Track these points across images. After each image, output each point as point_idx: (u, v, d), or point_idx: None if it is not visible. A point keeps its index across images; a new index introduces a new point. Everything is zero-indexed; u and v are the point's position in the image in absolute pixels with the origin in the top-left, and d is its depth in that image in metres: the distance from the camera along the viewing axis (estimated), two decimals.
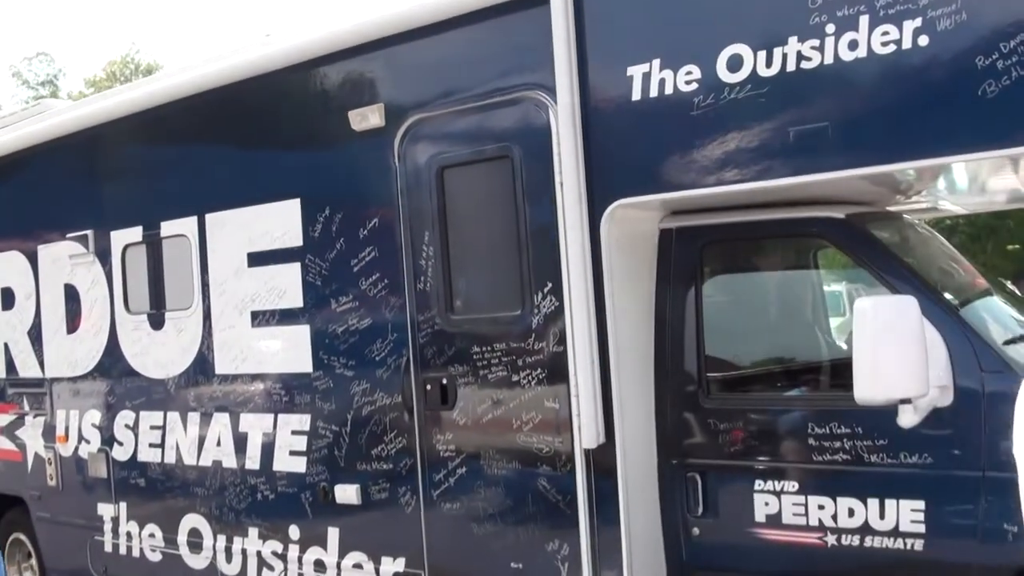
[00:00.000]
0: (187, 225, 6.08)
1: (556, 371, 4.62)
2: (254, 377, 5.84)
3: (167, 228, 6.23)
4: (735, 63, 4.13)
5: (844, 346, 5.30)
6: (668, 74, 4.27)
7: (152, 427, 6.44)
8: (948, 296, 4.37)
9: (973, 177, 5.21)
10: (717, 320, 4.77)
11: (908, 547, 4.10)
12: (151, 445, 6.45)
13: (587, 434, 4.48)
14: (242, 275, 5.81)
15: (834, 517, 4.25)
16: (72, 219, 6.87)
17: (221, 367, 5.99)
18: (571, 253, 4.48)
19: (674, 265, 4.73)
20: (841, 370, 4.79)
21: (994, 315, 4.78)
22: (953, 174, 5.06)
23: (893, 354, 3.74)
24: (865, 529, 4.19)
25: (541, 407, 4.68)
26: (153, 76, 9.15)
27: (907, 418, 3.89)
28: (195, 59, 6.12)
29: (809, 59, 4.01)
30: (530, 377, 4.70)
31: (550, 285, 4.60)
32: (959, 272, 5.22)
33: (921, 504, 4.09)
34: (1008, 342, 4.36)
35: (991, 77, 3.71)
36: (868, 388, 3.78)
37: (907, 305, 3.80)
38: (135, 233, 6.44)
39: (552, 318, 4.61)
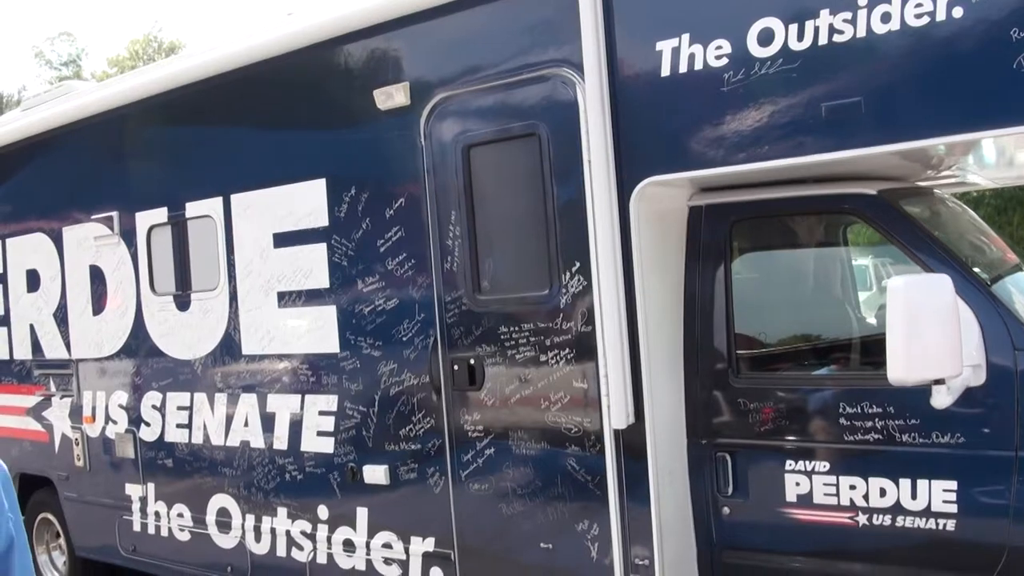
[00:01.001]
0: (212, 206, 6.08)
1: (585, 351, 4.59)
2: (281, 358, 5.84)
3: (192, 209, 6.23)
4: (766, 37, 4.07)
5: (874, 322, 5.27)
6: (698, 49, 4.22)
7: (179, 408, 6.47)
8: (979, 272, 4.31)
9: (1001, 151, 5.15)
10: (747, 298, 4.73)
11: (940, 527, 4.07)
12: (178, 426, 6.48)
13: (616, 414, 4.46)
14: (268, 256, 5.80)
15: (865, 497, 4.22)
16: (97, 200, 6.88)
17: (248, 348, 6.00)
18: (600, 232, 4.45)
19: (703, 243, 4.69)
20: (872, 349, 4.75)
21: None
22: (982, 149, 5.00)
23: (927, 334, 3.68)
24: (897, 509, 4.15)
25: (570, 387, 4.66)
26: (177, 56, 9.11)
27: (941, 399, 3.85)
28: (217, 38, 6.08)
29: (841, 32, 3.94)
30: (558, 357, 4.68)
31: (578, 264, 4.57)
32: (990, 247, 5.16)
33: (953, 484, 4.05)
34: None
35: None
36: (901, 369, 3.73)
37: (941, 284, 3.75)
38: (160, 214, 6.45)
39: (580, 297, 4.59)
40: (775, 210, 4.70)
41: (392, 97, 5.11)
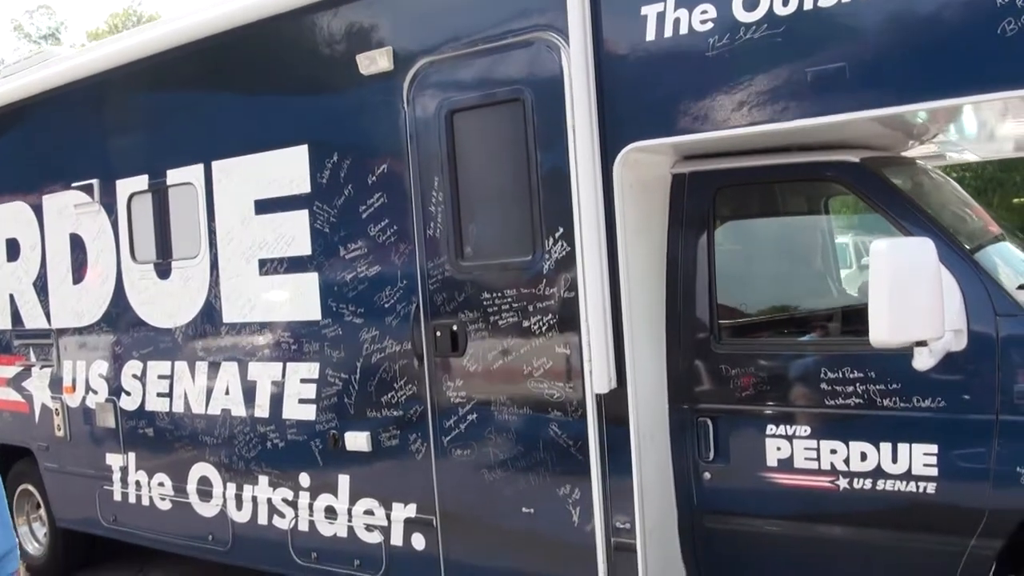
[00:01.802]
0: (193, 173, 6.03)
1: (567, 317, 4.59)
2: (262, 326, 5.82)
3: (173, 176, 6.18)
4: (751, 2, 4.05)
5: (855, 293, 5.29)
6: (683, 13, 4.20)
7: (160, 377, 6.43)
8: (962, 240, 4.32)
9: (983, 123, 5.16)
10: (729, 265, 4.74)
11: (920, 490, 4.10)
12: (159, 395, 6.45)
13: (598, 379, 4.46)
14: (249, 223, 5.77)
15: (846, 461, 4.25)
16: (77, 168, 6.82)
17: (229, 316, 5.97)
18: (583, 198, 4.44)
19: (686, 210, 4.69)
20: (854, 315, 4.78)
21: (1007, 260, 4.75)
22: (963, 120, 5.02)
23: (909, 296, 3.71)
24: (877, 473, 4.18)
25: (552, 353, 4.66)
26: (157, 21, 9.02)
27: (922, 361, 3.87)
28: (198, 5, 6.01)
29: None
30: (541, 323, 4.68)
31: (561, 230, 4.56)
32: (972, 217, 5.18)
33: (934, 448, 4.08)
34: (1022, 286, 4.33)
35: (1011, 15, 3.64)
36: (884, 331, 3.75)
37: (924, 247, 3.77)
38: (141, 182, 6.40)
39: (564, 264, 4.58)
40: (758, 178, 4.70)
41: (375, 62, 5.07)
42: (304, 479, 5.68)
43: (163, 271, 6.34)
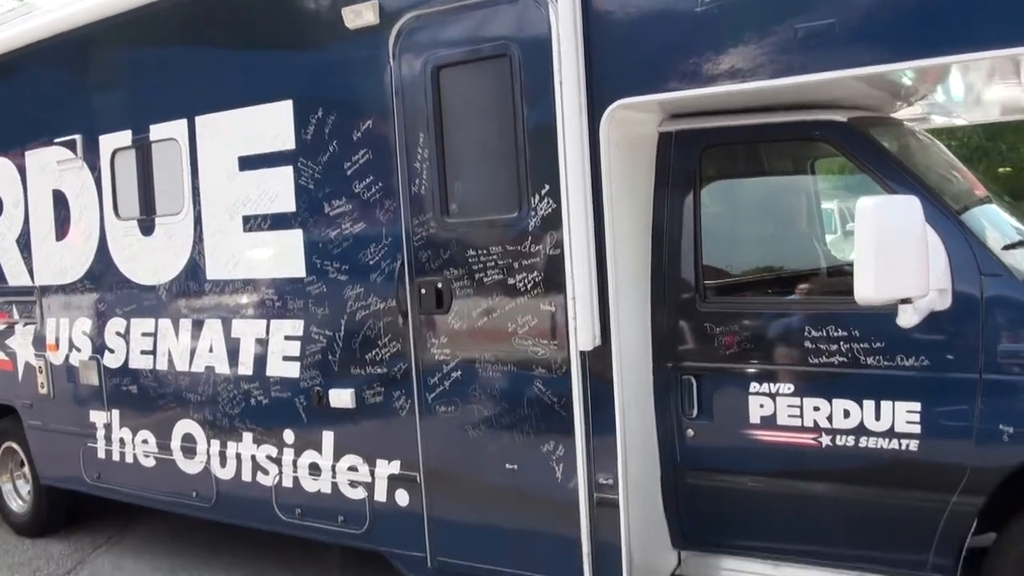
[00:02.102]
0: (177, 128, 5.97)
1: (552, 274, 4.58)
2: (246, 283, 5.79)
3: (156, 132, 6.12)
4: None
5: (840, 254, 5.30)
6: None
7: (143, 334, 6.41)
8: (948, 201, 4.33)
9: (970, 86, 5.16)
10: (715, 224, 4.74)
11: (903, 447, 4.14)
12: (143, 352, 6.42)
13: (583, 336, 4.46)
14: (233, 179, 5.72)
15: (829, 418, 4.28)
16: (60, 124, 6.74)
17: (213, 273, 5.94)
18: (569, 155, 4.41)
19: (673, 169, 4.69)
20: (839, 274, 4.80)
21: (993, 221, 4.76)
22: (951, 82, 5.01)
23: (895, 254, 3.72)
24: (860, 430, 4.22)
25: (537, 310, 4.66)
26: None
27: (907, 318, 3.89)
28: None
29: None
30: (526, 280, 4.67)
31: (547, 187, 4.54)
32: (959, 179, 5.18)
33: (917, 406, 4.12)
34: (1007, 247, 4.34)
35: None
36: (870, 288, 3.76)
37: (910, 204, 3.78)
38: (124, 137, 6.33)
39: (549, 221, 4.56)
40: (745, 137, 4.70)
41: (361, 16, 5.02)
42: (288, 436, 5.67)
43: (146, 228, 6.30)
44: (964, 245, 4.09)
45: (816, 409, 4.30)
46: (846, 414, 4.24)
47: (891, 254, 3.70)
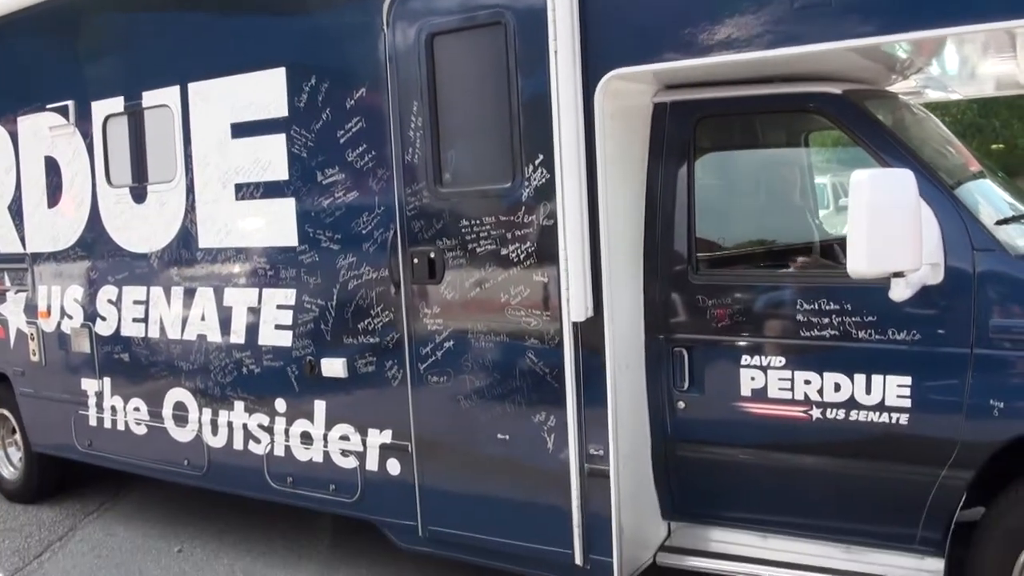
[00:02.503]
0: (170, 95, 5.93)
1: (546, 245, 4.57)
2: (239, 251, 5.77)
3: (149, 98, 6.08)
4: None
5: (834, 227, 5.29)
6: None
7: (135, 302, 6.39)
8: (942, 175, 4.31)
9: (965, 60, 5.14)
10: (708, 196, 4.72)
11: (893, 421, 4.15)
12: (135, 320, 6.41)
13: (575, 307, 4.46)
14: (226, 147, 5.69)
15: (820, 391, 4.29)
16: (52, 89, 6.70)
17: (205, 241, 5.92)
18: (564, 125, 4.39)
19: (667, 140, 4.67)
20: (831, 247, 4.80)
21: (986, 196, 4.75)
22: (946, 55, 4.98)
23: (888, 227, 3.71)
24: (850, 403, 4.23)
25: (530, 281, 4.65)
26: None
27: (899, 292, 3.89)
28: None
29: None
30: (519, 251, 4.66)
31: (541, 157, 4.52)
32: (953, 154, 5.17)
33: (908, 380, 4.12)
34: (1000, 222, 4.34)
35: None
36: (863, 261, 3.75)
37: (904, 177, 3.77)
38: (116, 104, 6.29)
39: (543, 191, 4.54)
40: (740, 108, 4.68)
41: None
42: (280, 405, 5.67)
43: (139, 195, 6.27)
44: (957, 220, 4.08)
45: (807, 382, 4.31)
46: (837, 387, 4.25)
47: (884, 227, 3.70)
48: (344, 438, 5.41)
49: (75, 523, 7.22)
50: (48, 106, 6.73)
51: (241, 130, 5.60)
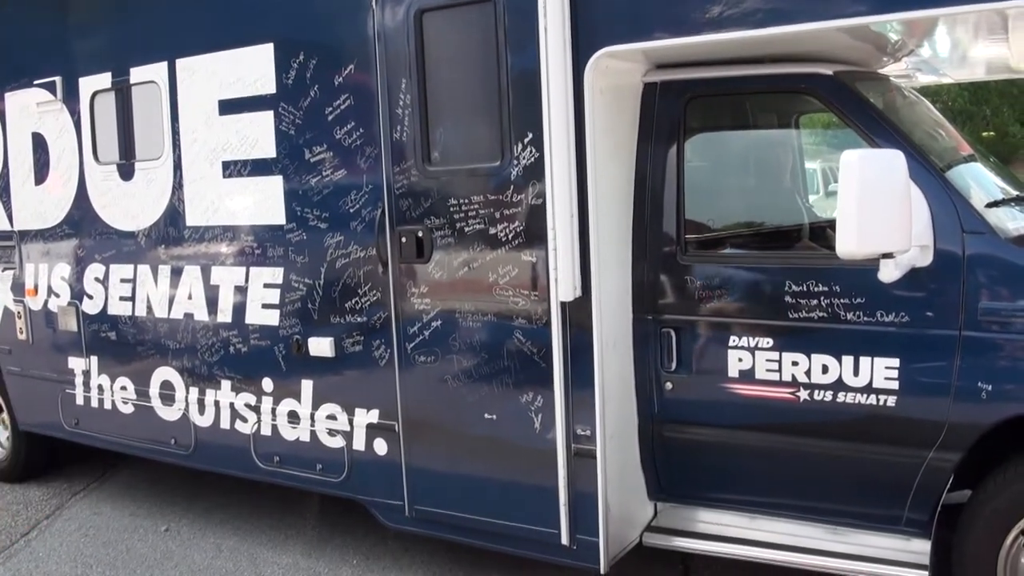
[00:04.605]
0: (157, 71, 5.88)
1: (534, 224, 4.55)
2: (226, 229, 5.73)
3: (136, 74, 6.03)
4: None
5: (823, 209, 5.27)
6: None
7: (122, 280, 6.35)
8: (933, 158, 4.30)
9: (956, 43, 5.12)
10: (698, 177, 4.70)
11: (881, 403, 4.14)
12: (122, 298, 6.37)
13: (563, 287, 4.44)
14: (213, 124, 5.65)
15: (807, 373, 4.28)
16: (39, 65, 6.64)
17: (192, 219, 5.88)
18: (553, 103, 4.35)
19: (657, 120, 4.65)
20: (820, 229, 4.78)
21: (977, 179, 4.73)
22: (937, 37, 4.96)
23: (878, 208, 3.70)
24: (838, 385, 4.22)
25: (518, 261, 4.63)
26: None
27: (888, 273, 3.88)
28: None
29: None
30: (508, 230, 4.63)
31: (530, 136, 4.49)
32: (944, 137, 5.15)
33: (896, 362, 4.12)
34: (990, 205, 4.32)
35: None
36: (852, 242, 3.74)
37: (894, 158, 3.75)
38: (104, 80, 6.24)
39: (532, 170, 4.52)
40: (731, 88, 4.66)
41: None
42: (267, 384, 5.65)
43: (126, 172, 6.23)
44: (947, 202, 4.07)
45: (795, 364, 4.30)
46: (824, 369, 4.24)
47: (874, 207, 3.68)
48: (331, 418, 5.39)
49: (62, 502, 7.21)
50: (36, 82, 6.67)
51: (229, 107, 5.56)
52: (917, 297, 4.08)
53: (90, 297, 6.57)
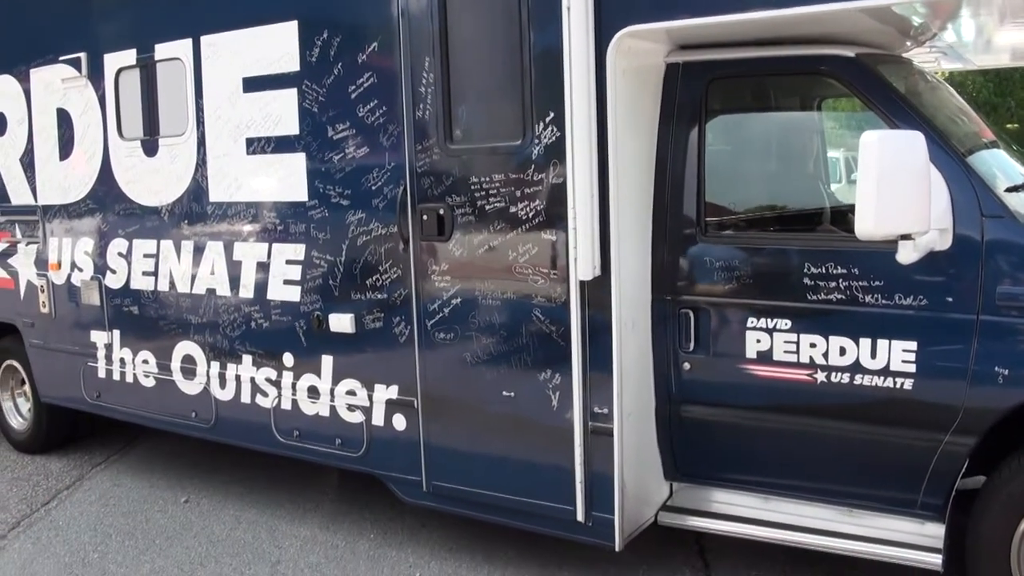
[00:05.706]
0: (182, 48, 5.92)
1: (554, 203, 4.57)
2: (248, 206, 5.78)
3: (161, 51, 6.07)
4: None
5: (842, 199, 5.28)
6: None
7: (145, 255, 6.41)
8: (954, 142, 4.29)
9: (980, 28, 5.10)
10: (719, 158, 4.72)
11: (897, 386, 4.15)
12: (144, 273, 6.43)
13: (583, 266, 4.46)
14: (237, 101, 5.69)
15: (825, 355, 4.30)
16: (65, 41, 6.69)
17: (215, 195, 5.93)
18: (576, 82, 4.37)
19: (679, 101, 4.66)
20: (841, 211, 4.78)
21: (999, 165, 4.73)
22: (961, 22, 4.94)
23: (897, 189, 3.70)
24: (855, 367, 4.23)
25: (538, 239, 4.65)
26: None
27: (906, 254, 3.88)
28: None
29: None
30: (528, 209, 4.65)
31: (552, 115, 4.51)
32: (966, 121, 5.14)
33: (913, 345, 4.13)
34: (1010, 189, 4.32)
35: None
36: (871, 223, 3.74)
37: (914, 139, 3.76)
38: (129, 56, 6.28)
39: (553, 149, 4.54)
40: (753, 69, 4.65)
41: None
42: (288, 359, 5.70)
43: (150, 148, 6.28)
44: (967, 186, 4.07)
45: (812, 346, 4.31)
46: (842, 351, 4.25)
47: (893, 188, 3.68)
48: (351, 393, 5.44)
49: (82, 473, 7.29)
50: (61, 58, 6.73)
51: (253, 84, 5.59)
52: (935, 281, 4.09)
53: (113, 272, 6.63)
